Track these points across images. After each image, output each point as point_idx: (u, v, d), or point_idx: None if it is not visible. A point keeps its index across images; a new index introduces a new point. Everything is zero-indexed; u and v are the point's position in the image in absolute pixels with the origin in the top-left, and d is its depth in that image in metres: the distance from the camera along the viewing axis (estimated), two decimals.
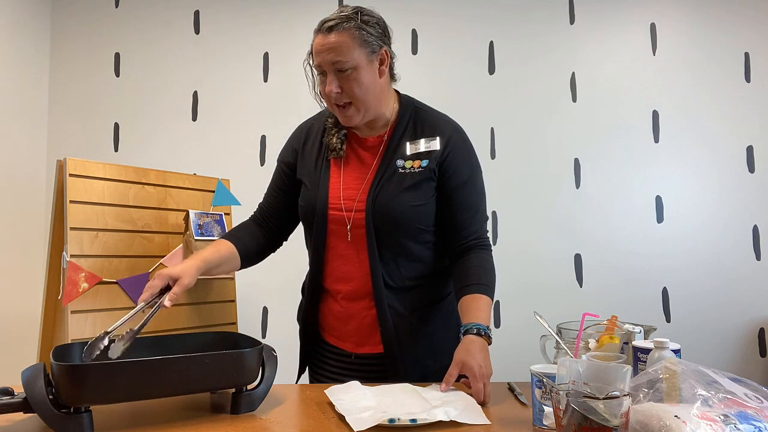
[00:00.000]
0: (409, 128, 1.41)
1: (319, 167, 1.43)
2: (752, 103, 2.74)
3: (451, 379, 1.20)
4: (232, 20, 2.87)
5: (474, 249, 1.42)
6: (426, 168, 1.36)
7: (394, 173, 1.37)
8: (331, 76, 1.31)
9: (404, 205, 1.34)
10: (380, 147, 1.41)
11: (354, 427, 0.98)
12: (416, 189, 1.35)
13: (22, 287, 2.63)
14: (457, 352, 1.23)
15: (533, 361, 1.15)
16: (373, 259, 1.35)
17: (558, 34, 2.81)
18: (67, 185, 1.49)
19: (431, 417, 1.01)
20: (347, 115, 1.35)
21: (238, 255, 1.44)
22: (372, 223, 1.34)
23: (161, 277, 1.24)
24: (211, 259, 1.37)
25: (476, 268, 1.38)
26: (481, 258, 1.41)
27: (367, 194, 1.36)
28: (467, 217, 1.41)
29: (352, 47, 1.29)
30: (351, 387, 1.19)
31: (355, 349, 1.43)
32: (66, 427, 0.95)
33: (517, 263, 2.73)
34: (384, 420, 0.99)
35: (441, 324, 1.43)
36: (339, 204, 1.39)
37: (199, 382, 1.06)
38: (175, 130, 2.85)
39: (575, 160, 2.77)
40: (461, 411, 1.06)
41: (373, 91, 1.34)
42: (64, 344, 1.11)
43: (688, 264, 2.71)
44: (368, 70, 1.32)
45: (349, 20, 1.29)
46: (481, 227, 1.44)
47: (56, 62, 2.90)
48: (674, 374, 0.94)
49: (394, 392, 1.19)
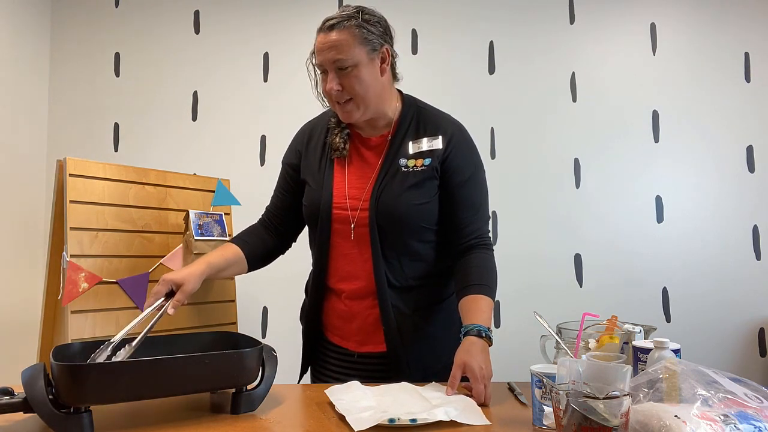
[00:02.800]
0: (411, 127, 1.42)
1: (322, 167, 1.44)
2: (752, 103, 2.74)
3: (456, 381, 1.20)
4: (232, 20, 2.87)
5: (475, 248, 1.42)
6: (429, 166, 1.37)
7: (397, 172, 1.37)
8: (332, 74, 1.32)
9: (407, 203, 1.35)
10: (383, 146, 1.41)
11: (354, 427, 0.98)
12: (419, 187, 1.36)
13: (22, 287, 2.63)
14: (458, 354, 1.23)
15: (533, 361, 1.15)
16: (377, 258, 1.36)
17: (558, 34, 2.81)
18: (67, 185, 1.49)
19: (431, 417, 1.01)
20: (346, 111, 1.36)
21: (245, 258, 1.45)
22: (375, 222, 1.35)
23: (165, 283, 1.26)
24: (217, 263, 1.38)
25: (477, 267, 1.39)
26: (482, 258, 1.41)
27: (371, 193, 1.37)
28: (469, 215, 1.41)
29: (352, 45, 1.30)
30: (351, 387, 1.19)
31: (358, 348, 1.43)
32: (66, 427, 0.95)
33: (517, 263, 2.73)
34: (384, 420, 0.99)
35: (443, 324, 1.44)
36: (343, 203, 1.39)
37: (199, 382, 1.06)
38: (175, 130, 2.85)
39: (575, 160, 2.77)
40: (461, 411, 1.06)
41: (373, 89, 1.34)
42: (64, 344, 1.11)
43: (688, 264, 2.71)
44: (369, 67, 1.33)
45: (350, 19, 1.31)
46: (482, 226, 1.45)
47: (56, 62, 2.90)
48: (674, 374, 0.94)
49: (393, 392, 1.19)
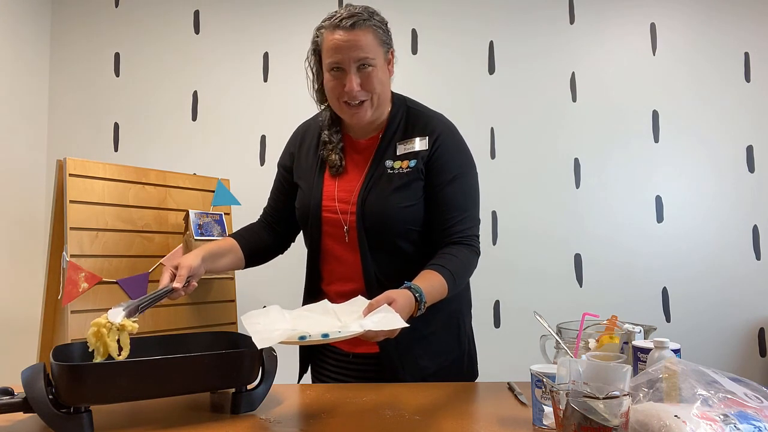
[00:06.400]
0: (400, 128, 1.40)
1: (314, 170, 1.44)
2: (752, 103, 2.74)
3: (376, 305, 1.11)
4: (232, 20, 2.87)
5: (457, 244, 1.35)
6: (414, 168, 1.34)
7: (383, 174, 1.35)
8: (352, 74, 1.29)
9: (393, 206, 1.33)
10: (373, 148, 1.40)
11: (258, 344, 0.95)
12: (405, 190, 1.34)
13: (22, 287, 2.63)
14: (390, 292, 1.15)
15: (533, 361, 1.15)
16: (366, 260, 1.35)
17: (558, 34, 2.81)
18: (67, 185, 1.49)
19: (344, 331, 0.99)
20: (359, 113, 1.33)
21: (241, 251, 1.45)
22: (363, 225, 1.34)
23: (166, 269, 1.27)
24: (212, 248, 1.38)
25: (449, 255, 1.31)
26: (459, 251, 1.33)
27: (357, 196, 1.36)
28: (453, 216, 1.35)
29: (375, 44, 1.30)
30: (269, 311, 1.15)
31: (353, 349, 1.42)
32: (66, 427, 0.95)
33: (517, 263, 2.73)
34: (294, 337, 0.97)
35: (440, 326, 1.42)
36: (332, 206, 1.39)
37: (199, 382, 1.06)
38: (175, 130, 2.85)
39: (575, 160, 2.77)
40: (377, 322, 1.02)
41: (386, 90, 1.36)
42: (64, 344, 1.11)
43: (688, 264, 2.71)
44: (383, 68, 1.34)
45: (369, 18, 1.29)
46: (468, 228, 1.37)
47: (56, 62, 2.90)
48: (674, 374, 0.94)
49: (314, 314, 1.15)
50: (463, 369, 1.45)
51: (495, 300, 2.74)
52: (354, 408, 1.14)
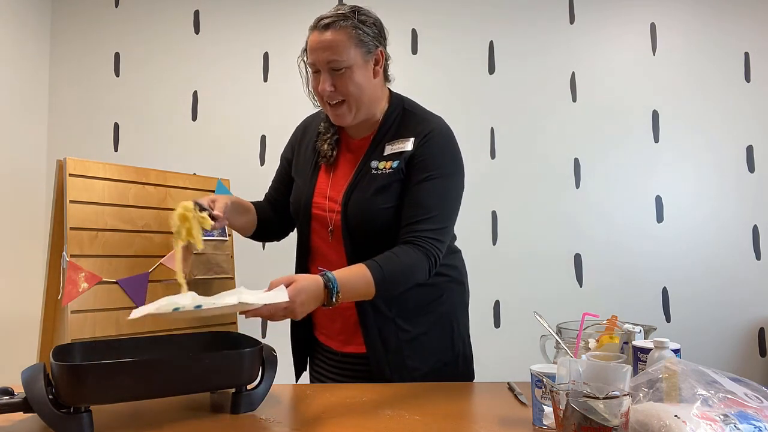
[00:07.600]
0: (392, 129, 1.38)
1: (310, 166, 1.44)
2: (752, 103, 2.74)
3: (275, 284, 1.10)
4: (232, 20, 2.87)
5: (408, 244, 1.27)
6: (396, 169, 1.32)
7: (367, 174, 1.34)
8: (325, 75, 1.29)
9: (375, 207, 1.31)
10: (365, 148, 1.39)
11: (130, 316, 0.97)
12: (386, 190, 1.32)
13: (22, 287, 2.63)
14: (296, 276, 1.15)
15: (533, 361, 1.15)
16: (350, 260, 1.33)
17: (558, 34, 2.81)
18: (67, 185, 1.49)
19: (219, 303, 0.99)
20: (339, 114, 1.34)
21: (256, 217, 1.50)
22: (346, 225, 1.33)
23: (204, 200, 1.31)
24: (240, 202, 1.45)
25: (391, 254, 1.25)
26: (405, 251, 1.26)
27: (343, 195, 1.35)
28: (414, 215, 1.28)
29: (348, 46, 1.27)
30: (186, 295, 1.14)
31: (342, 348, 1.42)
32: (66, 427, 0.95)
33: (517, 263, 2.73)
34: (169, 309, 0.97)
35: (431, 328, 1.40)
36: (322, 204, 1.39)
37: (199, 382, 1.06)
38: (175, 130, 2.85)
39: (575, 160, 2.77)
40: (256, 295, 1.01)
41: (366, 91, 1.33)
42: (64, 344, 1.11)
43: (688, 264, 2.71)
44: (363, 69, 1.31)
45: (346, 19, 1.28)
46: (429, 231, 1.28)
47: (56, 62, 2.90)
48: (674, 374, 0.94)
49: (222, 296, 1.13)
50: (457, 371, 1.43)
51: (495, 300, 2.74)
52: (354, 408, 1.14)
